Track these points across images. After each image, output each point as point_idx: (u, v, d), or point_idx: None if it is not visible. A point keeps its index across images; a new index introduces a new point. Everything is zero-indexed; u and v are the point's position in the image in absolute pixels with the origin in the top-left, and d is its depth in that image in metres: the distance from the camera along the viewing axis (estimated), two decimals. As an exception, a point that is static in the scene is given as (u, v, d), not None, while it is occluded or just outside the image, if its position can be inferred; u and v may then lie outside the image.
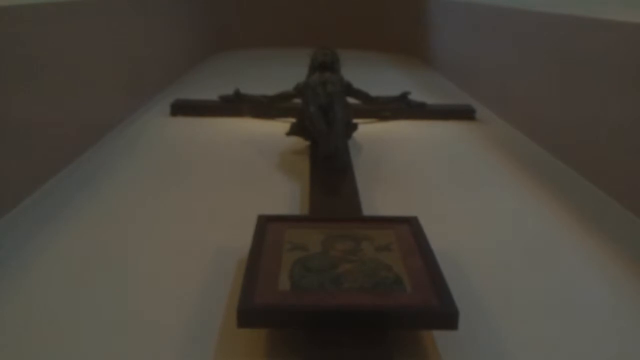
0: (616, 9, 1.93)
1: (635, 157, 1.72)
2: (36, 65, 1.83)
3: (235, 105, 2.71)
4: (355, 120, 2.25)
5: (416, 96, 2.77)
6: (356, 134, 2.27)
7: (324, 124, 2.01)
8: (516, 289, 1.31)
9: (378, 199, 1.78)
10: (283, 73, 3.27)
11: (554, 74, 2.28)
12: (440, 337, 1.10)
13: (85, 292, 1.27)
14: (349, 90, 2.48)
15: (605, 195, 1.83)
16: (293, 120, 2.24)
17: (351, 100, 2.46)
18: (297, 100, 2.48)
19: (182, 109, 2.77)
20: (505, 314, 1.21)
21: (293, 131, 2.19)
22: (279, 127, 2.42)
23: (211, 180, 1.97)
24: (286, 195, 1.81)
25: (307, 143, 2.19)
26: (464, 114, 2.79)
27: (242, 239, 1.33)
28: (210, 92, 2.84)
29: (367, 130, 2.46)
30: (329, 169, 1.86)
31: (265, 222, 1.36)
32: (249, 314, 1.04)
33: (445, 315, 1.04)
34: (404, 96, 2.71)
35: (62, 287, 1.29)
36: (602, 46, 1.94)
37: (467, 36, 3.53)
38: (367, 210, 1.61)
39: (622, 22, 1.82)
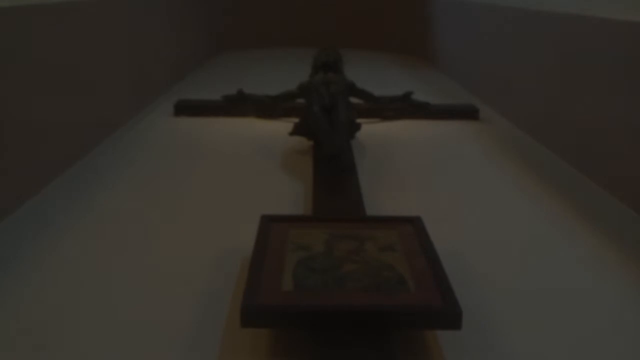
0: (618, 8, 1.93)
1: (637, 156, 1.72)
2: (40, 65, 1.84)
3: (239, 105, 2.72)
4: (358, 120, 2.25)
5: (419, 96, 2.77)
6: (359, 134, 2.27)
7: (327, 124, 2.01)
8: (519, 289, 1.31)
9: (381, 198, 1.78)
10: (286, 73, 3.28)
11: (557, 73, 2.28)
12: (443, 337, 1.10)
13: (89, 291, 1.28)
14: (352, 90, 2.48)
15: (608, 194, 1.83)
16: (296, 120, 2.24)
17: (354, 100, 2.46)
18: (301, 100, 2.49)
19: (186, 109, 2.78)
20: (508, 313, 1.21)
21: (296, 131, 2.19)
22: (282, 127, 2.42)
23: (214, 180, 1.97)
24: (289, 195, 1.81)
25: (311, 143, 2.19)
26: (467, 113, 2.79)
27: (246, 239, 1.33)
28: (213, 92, 2.84)
29: (370, 130, 2.45)
30: (332, 168, 1.86)
31: (268, 222, 1.36)
32: (252, 313, 1.04)
33: (448, 315, 1.04)
34: (407, 96, 2.72)
35: (66, 287, 1.30)
36: (605, 45, 1.93)
37: (470, 36, 3.53)
38: (371, 210, 1.61)
39: (625, 21, 1.81)
